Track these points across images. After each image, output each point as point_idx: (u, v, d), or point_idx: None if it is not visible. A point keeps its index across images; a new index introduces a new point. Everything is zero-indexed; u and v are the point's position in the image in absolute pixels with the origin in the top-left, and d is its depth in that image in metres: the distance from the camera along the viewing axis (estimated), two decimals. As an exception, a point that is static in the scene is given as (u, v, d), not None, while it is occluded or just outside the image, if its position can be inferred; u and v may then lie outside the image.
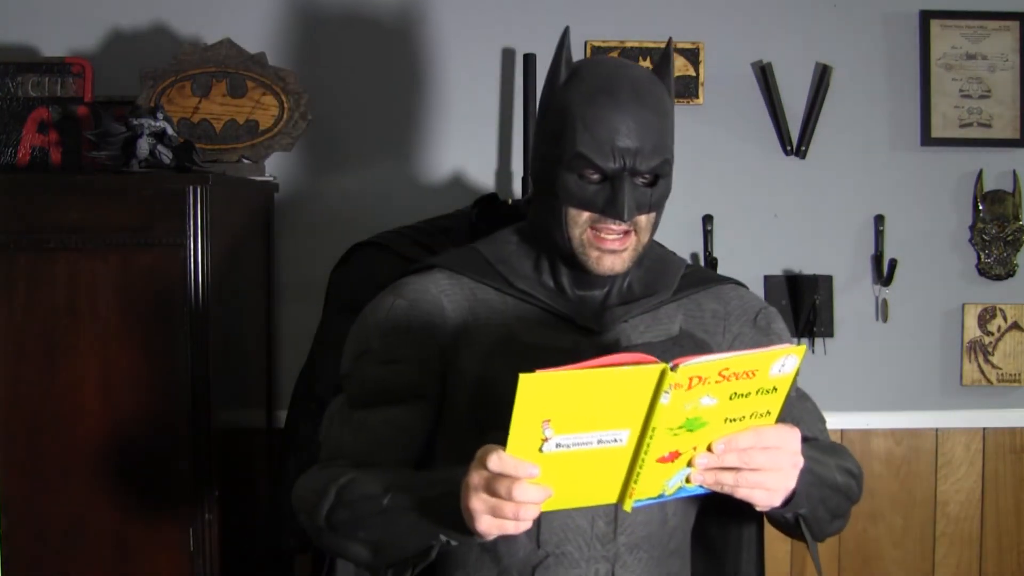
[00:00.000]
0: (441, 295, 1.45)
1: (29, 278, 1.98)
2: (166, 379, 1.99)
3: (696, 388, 1.12)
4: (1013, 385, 2.64)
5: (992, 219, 2.61)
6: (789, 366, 1.16)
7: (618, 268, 1.40)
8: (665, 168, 1.39)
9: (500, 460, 1.12)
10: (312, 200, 2.51)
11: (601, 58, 1.48)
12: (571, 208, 1.38)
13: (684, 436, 1.16)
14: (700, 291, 1.51)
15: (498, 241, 1.51)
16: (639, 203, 1.37)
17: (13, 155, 2.20)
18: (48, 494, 1.99)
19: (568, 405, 1.11)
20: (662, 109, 1.39)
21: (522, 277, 1.46)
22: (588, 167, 1.36)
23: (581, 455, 1.14)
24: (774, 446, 1.19)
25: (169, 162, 2.08)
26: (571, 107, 1.38)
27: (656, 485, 1.20)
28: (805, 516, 1.31)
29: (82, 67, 2.23)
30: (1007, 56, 2.60)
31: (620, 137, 1.35)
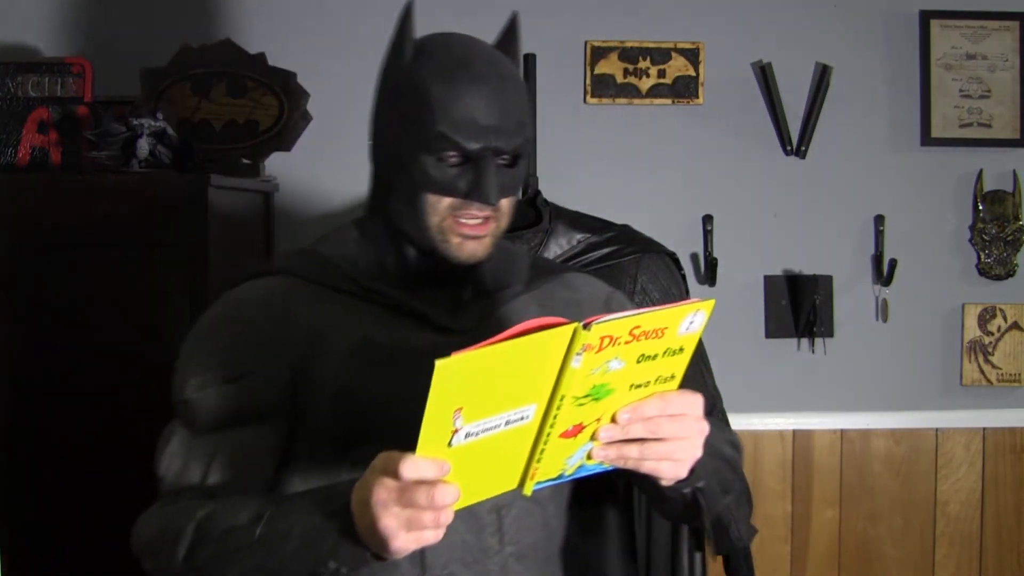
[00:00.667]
0: (285, 302, 1.32)
1: (29, 278, 1.98)
2: (166, 379, 1.98)
3: (607, 350, 1.03)
4: (1013, 385, 2.63)
5: (992, 219, 2.61)
6: (697, 323, 1.08)
7: (480, 254, 1.30)
8: (526, 148, 1.30)
9: (415, 466, 1.00)
10: (312, 200, 2.51)
11: (445, 33, 1.35)
12: (430, 194, 1.28)
13: (589, 406, 1.07)
14: (550, 281, 1.43)
15: (337, 239, 1.39)
16: (503, 185, 1.27)
17: (13, 155, 2.20)
18: (48, 494, 1.99)
19: (481, 387, 1.00)
20: (519, 84, 1.31)
21: (369, 275, 1.34)
22: (449, 148, 1.26)
23: (489, 441, 1.04)
24: (680, 413, 1.10)
25: (169, 162, 2.08)
26: (425, 84, 1.28)
27: (558, 464, 1.10)
28: (703, 489, 1.21)
29: (82, 67, 2.23)
30: (1007, 56, 2.60)
31: (482, 115, 1.25)
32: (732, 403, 2.12)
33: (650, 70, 2.54)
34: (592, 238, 1.96)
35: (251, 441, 1.28)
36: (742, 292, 2.58)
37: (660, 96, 2.54)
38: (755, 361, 2.59)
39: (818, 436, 2.62)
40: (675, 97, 2.55)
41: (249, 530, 1.15)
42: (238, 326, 1.32)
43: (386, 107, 1.35)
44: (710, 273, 2.49)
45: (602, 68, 2.54)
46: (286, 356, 1.29)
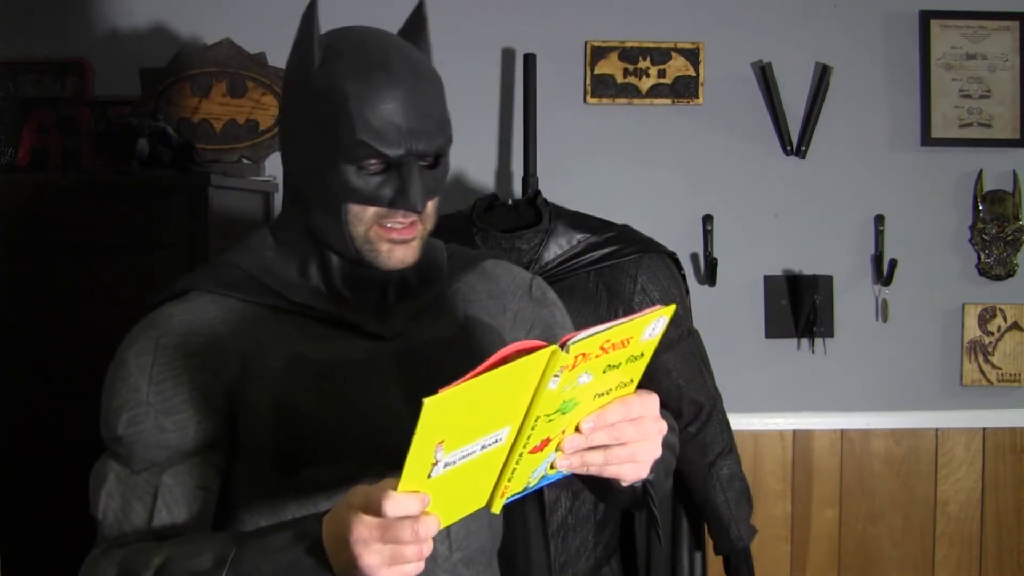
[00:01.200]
0: (210, 323, 1.24)
1: (29, 278, 1.98)
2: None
3: (579, 366, 1.02)
4: (1013, 385, 2.63)
5: (992, 219, 2.61)
6: (659, 328, 1.07)
7: (409, 259, 1.25)
8: (447, 147, 1.25)
9: (398, 503, 0.96)
10: (312, 200, 2.51)
11: (354, 28, 1.28)
12: (353, 204, 1.21)
13: (558, 420, 1.06)
14: (469, 274, 1.39)
15: (253, 249, 1.31)
16: (428, 189, 1.22)
17: (13, 155, 2.20)
18: (48, 494, 1.99)
19: (463, 419, 0.99)
20: (436, 79, 1.24)
21: (292, 287, 1.27)
22: (370, 156, 1.19)
23: (463, 468, 1.03)
24: (639, 415, 1.09)
25: (169, 162, 2.08)
26: (339, 89, 1.20)
27: (524, 478, 1.09)
28: (651, 481, 1.20)
29: (82, 67, 2.23)
30: (1007, 56, 2.60)
31: (403, 118, 1.19)
32: (732, 403, 2.12)
33: (650, 70, 2.54)
34: (592, 238, 1.96)
35: (194, 474, 1.21)
36: (742, 292, 2.58)
37: (660, 96, 2.54)
38: (755, 361, 2.59)
39: (818, 436, 2.62)
40: (675, 97, 2.55)
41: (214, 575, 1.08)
42: (165, 354, 1.23)
43: (297, 113, 1.25)
44: (710, 273, 2.49)
45: (602, 68, 2.54)
46: (219, 380, 1.22)
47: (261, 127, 2.33)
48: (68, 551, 1.99)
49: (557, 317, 1.41)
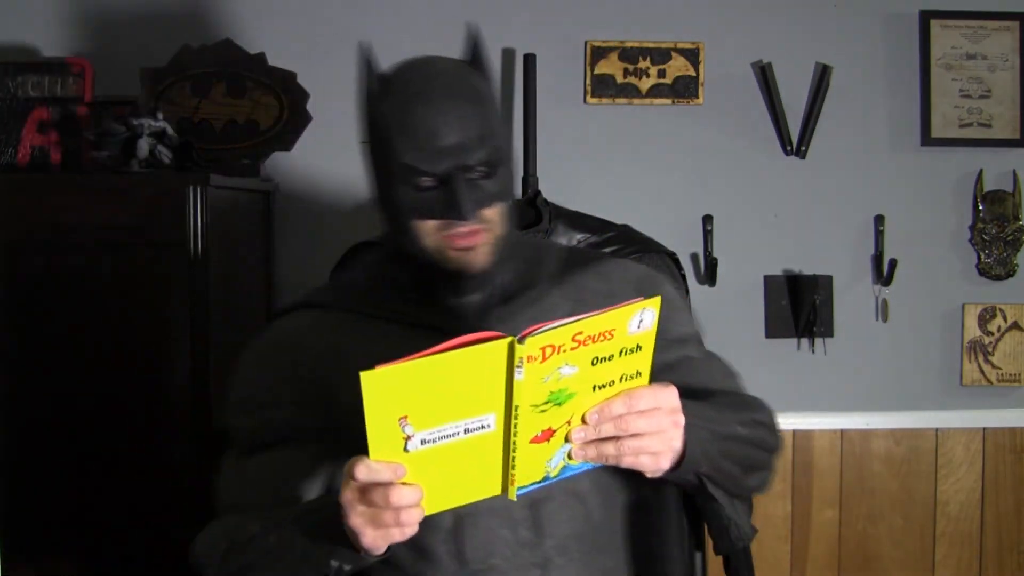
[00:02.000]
0: (306, 333, 1.42)
1: (29, 278, 1.98)
2: (166, 379, 1.99)
3: (552, 358, 1.07)
4: (1013, 385, 2.64)
5: (992, 219, 2.61)
6: (648, 321, 1.11)
7: (480, 263, 1.35)
8: (496, 156, 1.34)
9: (367, 468, 1.09)
10: (312, 200, 2.51)
11: (407, 61, 1.40)
12: (415, 221, 1.34)
13: (553, 411, 1.10)
14: (582, 273, 1.46)
15: (359, 267, 1.51)
16: (479, 199, 1.32)
17: (13, 155, 2.20)
18: (48, 493, 1.99)
19: (421, 397, 1.06)
20: (479, 97, 1.35)
21: (394, 298, 1.41)
22: (417, 175, 1.31)
23: (451, 448, 1.09)
24: (650, 408, 1.15)
25: (169, 162, 2.08)
26: (387, 119, 1.34)
27: (538, 468, 1.14)
28: (709, 475, 1.26)
29: (82, 67, 2.23)
30: (1007, 56, 2.60)
31: (441, 136, 1.30)
32: (732, 403, 2.12)
33: (650, 70, 2.54)
34: (592, 238, 1.96)
35: (286, 459, 1.36)
36: (742, 292, 2.58)
37: (660, 96, 2.54)
38: (755, 361, 2.58)
39: (818, 436, 2.62)
40: (675, 97, 2.55)
41: (266, 539, 1.26)
42: (268, 359, 1.43)
43: (366, 142, 1.40)
44: (710, 273, 2.49)
45: (602, 68, 2.54)
46: (312, 382, 1.38)
47: (261, 127, 2.33)
48: (68, 551, 2.00)
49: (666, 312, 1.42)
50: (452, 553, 1.33)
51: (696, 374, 1.41)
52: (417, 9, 2.53)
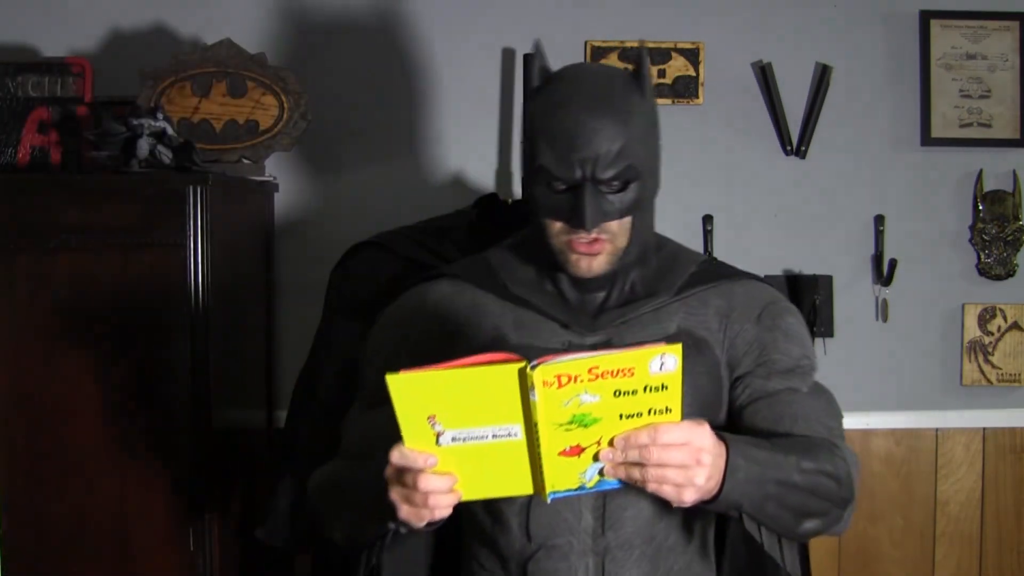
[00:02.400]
0: (440, 300, 1.52)
1: (29, 278, 1.98)
2: (166, 379, 1.99)
3: (569, 386, 1.15)
4: (1013, 385, 2.63)
5: (992, 219, 2.61)
6: (670, 364, 1.17)
7: (595, 269, 1.43)
8: (631, 173, 1.40)
9: (400, 454, 1.21)
10: (312, 200, 2.51)
11: (570, 67, 1.48)
12: (545, 219, 1.42)
13: (579, 431, 1.19)
14: (705, 289, 1.51)
15: (505, 248, 1.57)
16: (605, 211, 1.39)
17: (13, 155, 2.20)
18: (48, 494, 1.99)
19: (446, 401, 1.17)
20: (625, 114, 1.41)
21: (521, 282, 1.50)
22: (551, 179, 1.39)
23: (482, 448, 1.20)
24: (676, 443, 1.21)
25: (169, 162, 2.08)
26: (535, 121, 1.42)
27: (571, 477, 1.22)
28: (750, 514, 1.32)
29: (82, 67, 2.23)
30: (1007, 56, 2.60)
31: (577, 147, 1.37)
32: (732, 403, 2.12)
33: (650, 70, 2.53)
34: (593, 238, 1.96)
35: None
36: (742, 292, 2.58)
37: (660, 96, 2.54)
38: (755, 361, 2.59)
39: (818, 436, 2.62)
40: (675, 97, 2.55)
41: (346, 492, 1.41)
42: (400, 321, 1.54)
43: (522, 139, 1.49)
44: (710, 273, 2.49)
45: (602, 68, 2.53)
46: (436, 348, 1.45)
47: (261, 127, 2.33)
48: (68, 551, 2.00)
49: (779, 342, 1.49)
50: (522, 526, 1.43)
51: (792, 408, 1.44)
52: (417, 9, 2.53)
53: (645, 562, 1.43)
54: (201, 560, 1.99)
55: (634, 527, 1.42)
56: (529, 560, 1.43)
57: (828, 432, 1.45)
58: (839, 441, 1.45)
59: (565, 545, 1.42)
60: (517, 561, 1.44)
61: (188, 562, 1.99)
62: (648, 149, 1.44)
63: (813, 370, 1.51)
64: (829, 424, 1.47)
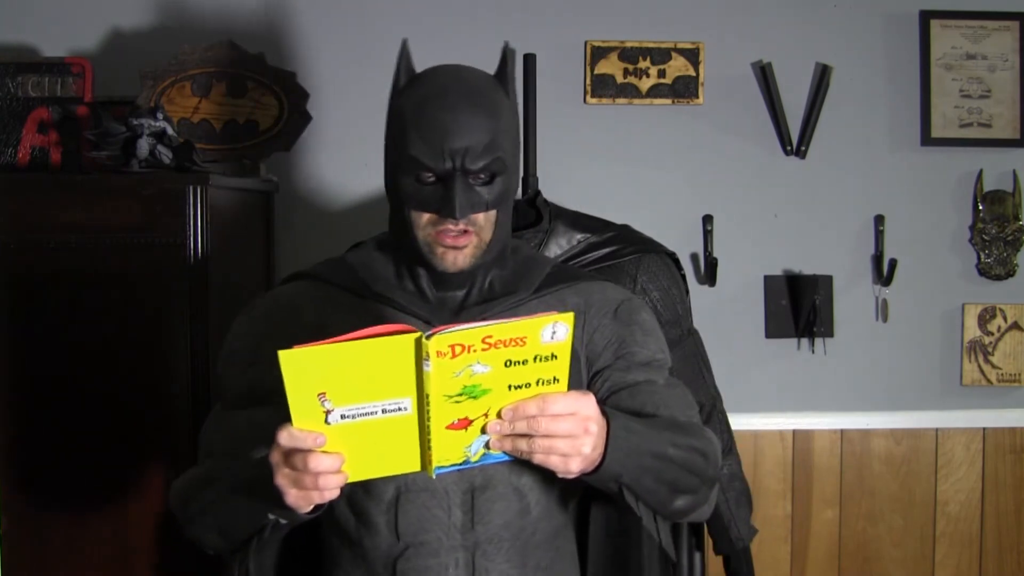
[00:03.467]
0: (300, 300, 1.51)
1: (29, 278, 1.98)
2: (166, 379, 1.99)
3: (462, 356, 1.16)
4: (1013, 385, 2.64)
5: (992, 219, 2.61)
6: (561, 333, 1.19)
7: (460, 263, 1.43)
8: (498, 166, 1.41)
9: (289, 435, 1.19)
10: (312, 200, 2.51)
11: (437, 66, 1.50)
12: (412, 211, 1.42)
13: (468, 403, 1.19)
14: (563, 288, 1.53)
15: (364, 249, 1.58)
16: (473, 202, 1.40)
17: (13, 155, 2.20)
18: (48, 494, 1.99)
19: (338, 377, 1.16)
20: (494, 109, 1.43)
21: (382, 281, 1.50)
22: (421, 169, 1.40)
23: (371, 424, 1.19)
24: (564, 412, 1.22)
25: (169, 162, 2.08)
26: (405, 112, 1.43)
27: (456, 451, 1.23)
28: (629, 485, 1.33)
29: (82, 67, 2.23)
30: (1007, 56, 2.60)
31: (449, 137, 1.38)
32: (732, 403, 2.12)
33: (650, 70, 2.54)
34: (592, 238, 1.96)
35: (262, 417, 1.41)
36: (742, 292, 2.58)
37: (660, 96, 2.54)
38: (755, 361, 2.59)
39: (818, 436, 2.62)
40: (675, 97, 2.55)
41: (216, 488, 1.37)
42: (259, 320, 1.52)
43: (386, 133, 1.49)
44: (710, 273, 2.49)
45: (602, 68, 2.54)
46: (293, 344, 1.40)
47: (261, 127, 2.33)
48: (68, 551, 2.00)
49: (636, 336, 1.52)
50: (389, 525, 1.42)
51: (653, 398, 1.46)
52: (417, 9, 2.53)
53: (515, 555, 1.44)
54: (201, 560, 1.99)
55: (503, 520, 1.43)
56: (398, 559, 1.42)
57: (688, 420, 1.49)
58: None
59: (435, 541, 1.42)
60: (384, 562, 1.43)
61: (188, 561, 1.98)
62: (512, 146, 1.46)
63: (668, 364, 1.55)
64: (688, 413, 1.50)
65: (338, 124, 2.51)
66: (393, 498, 1.42)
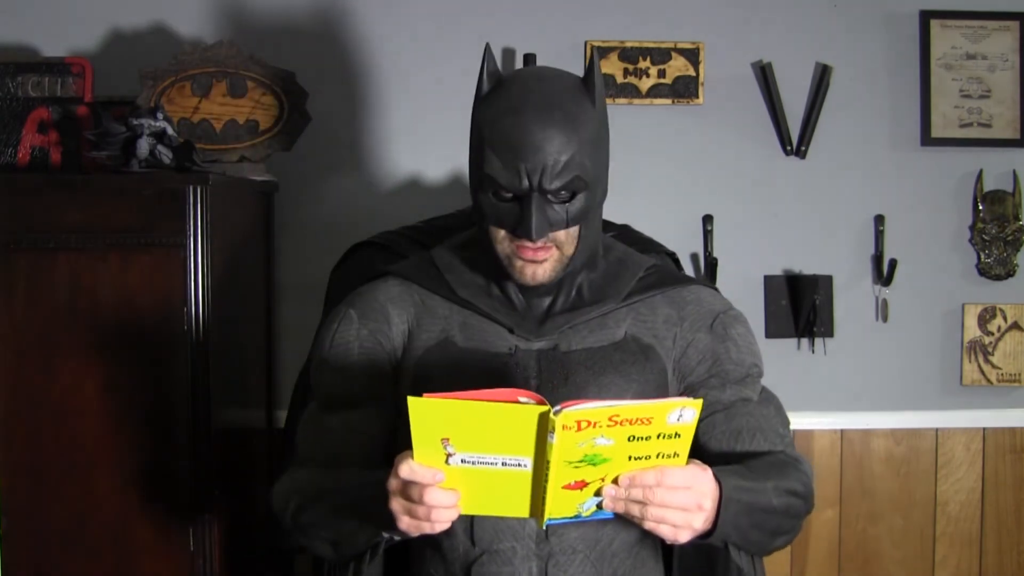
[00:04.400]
0: (388, 302, 1.52)
1: (29, 278, 1.98)
2: (166, 379, 1.99)
3: (586, 430, 1.17)
4: (1013, 385, 2.63)
5: (992, 219, 2.61)
6: (688, 416, 1.20)
7: (540, 277, 1.42)
8: (578, 184, 1.40)
9: (410, 469, 1.22)
10: (312, 200, 2.51)
11: (520, 72, 1.48)
12: (492, 226, 1.42)
13: (586, 469, 1.22)
14: (654, 295, 1.52)
15: (450, 249, 1.57)
16: (552, 221, 1.39)
17: (13, 155, 2.20)
18: (48, 494, 1.99)
19: (461, 428, 1.20)
20: (574, 123, 1.40)
21: (469, 285, 1.51)
22: (497, 187, 1.39)
23: (487, 472, 1.23)
24: (680, 486, 1.23)
25: (169, 162, 2.08)
26: (482, 128, 1.41)
27: (569, 507, 1.25)
28: (736, 543, 1.35)
29: (82, 67, 2.23)
30: (1007, 56, 2.60)
31: (525, 157, 1.36)
32: (732, 403, 2.12)
33: (650, 70, 2.54)
34: (592, 238, 1.95)
35: (356, 421, 1.48)
36: (742, 292, 2.58)
37: (660, 96, 2.54)
38: (755, 361, 2.59)
39: (818, 436, 2.62)
40: (675, 97, 2.55)
41: (330, 501, 1.39)
42: (350, 321, 1.53)
43: (469, 143, 1.47)
44: (710, 273, 2.49)
45: (602, 68, 2.53)
46: (386, 350, 1.50)
47: (261, 127, 2.33)
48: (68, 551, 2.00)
49: (732, 353, 1.52)
50: (466, 531, 1.43)
51: (750, 421, 1.47)
52: (417, 9, 2.53)
53: (588, 566, 1.43)
54: (201, 560, 1.99)
55: (578, 532, 1.43)
56: (473, 564, 1.43)
57: (782, 440, 1.49)
58: (794, 451, 1.50)
59: (508, 550, 1.42)
60: (461, 565, 1.44)
61: (188, 562, 1.98)
62: (597, 158, 1.44)
63: (761, 376, 1.55)
64: (782, 432, 1.51)
65: (338, 124, 2.51)
66: None
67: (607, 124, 1.50)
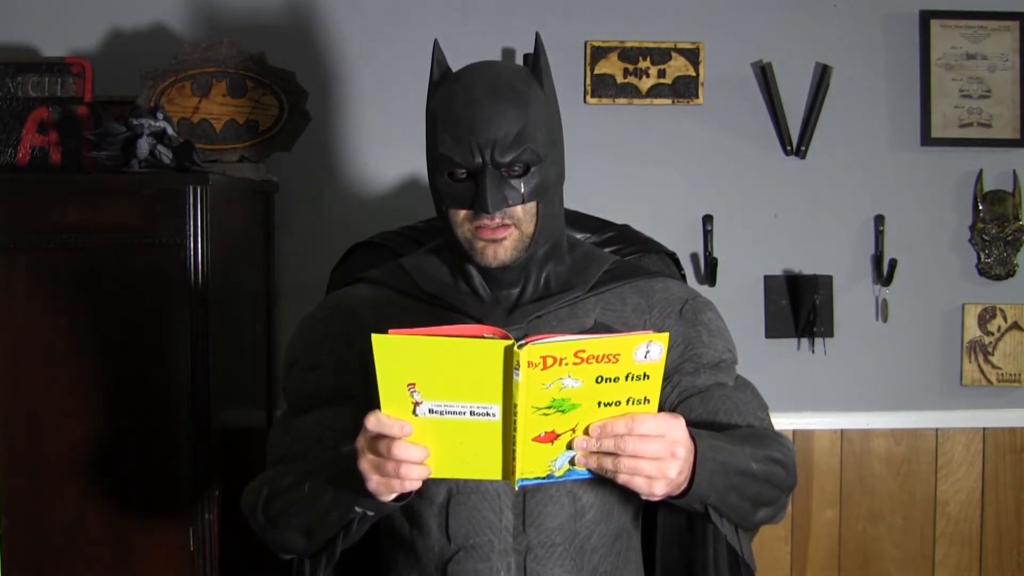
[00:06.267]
0: (358, 305, 1.54)
1: (29, 278, 1.98)
2: (166, 379, 1.99)
3: (553, 368, 1.14)
4: (1013, 385, 2.64)
5: (992, 219, 2.61)
6: (655, 353, 1.17)
7: (501, 256, 1.42)
8: (530, 156, 1.40)
9: (377, 420, 1.21)
10: (312, 200, 2.51)
11: (470, 64, 1.50)
12: (450, 209, 1.43)
13: (556, 417, 1.19)
14: (622, 285, 1.52)
15: (420, 252, 1.59)
16: (508, 195, 1.39)
17: (13, 155, 2.20)
18: (48, 494, 1.99)
19: (429, 370, 1.17)
20: (523, 101, 1.41)
21: (436, 282, 1.52)
22: (452, 166, 1.40)
23: (457, 424, 1.20)
24: (653, 434, 1.20)
25: (169, 162, 2.08)
26: (434, 112, 1.43)
27: (540, 465, 1.22)
28: (715, 506, 1.32)
29: (82, 67, 2.23)
30: (1007, 56, 2.60)
31: (476, 132, 1.38)
32: (732, 403, 2.12)
33: (650, 70, 2.54)
34: (592, 238, 1.96)
35: (328, 419, 1.48)
36: (742, 292, 2.58)
37: (660, 96, 2.54)
38: (755, 361, 2.58)
39: (818, 436, 2.62)
40: (675, 97, 2.55)
41: (301, 486, 1.37)
42: (318, 324, 1.56)
43: (425, 136, 1.48)
44: (710, 273, 2.49)
45: (602, 68, 2.54)
46: (357, 349, 1.49)
47: (261, 127, 2.33)
48: (68, 550, 2.00)
49: (703, 337, 1.51)
50: (441, 527, 1.43)
51: (726, 403, 1.45)
52: (417, 9, 2.53)
53: (568, 560, 1.42)
54: (201, 560, 1.99)
55: (555, 523, 1.42)
56: (448, 562, 1.42)
57: (761, 423, 1.49)
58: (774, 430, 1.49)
59: (486, 544, 1.41)
60: (436, 565, 1.43)
61: (188, 562, 1.98)
62: (549, 135, 1.44)
63: (735, 363, 1.55)
64: (760, 416, 1.50)
65: (338, 124, 2.51)
66: (444, 500, 1.42)
67: (557, 109, 1.52)
